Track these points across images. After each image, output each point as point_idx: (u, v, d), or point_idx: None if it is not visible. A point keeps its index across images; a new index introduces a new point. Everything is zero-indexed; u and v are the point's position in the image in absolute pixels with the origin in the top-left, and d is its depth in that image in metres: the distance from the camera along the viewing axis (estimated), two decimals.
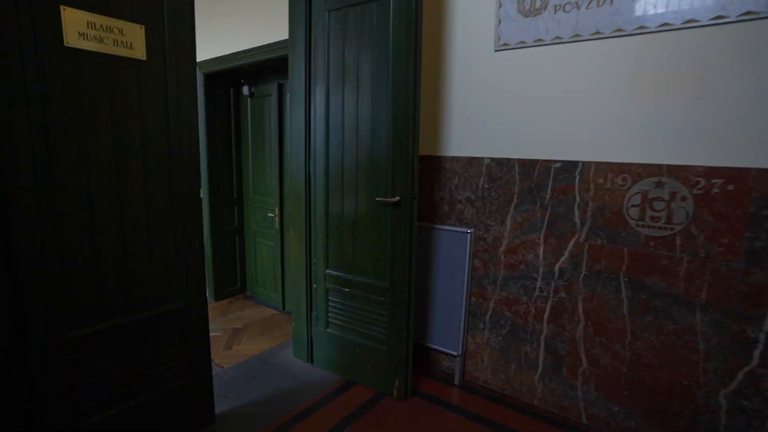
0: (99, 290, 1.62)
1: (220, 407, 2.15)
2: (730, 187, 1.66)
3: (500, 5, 2.11)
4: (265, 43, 3.03)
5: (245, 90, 3.63)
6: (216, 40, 3.37)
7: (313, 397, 2.28)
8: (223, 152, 3.77)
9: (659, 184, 1.79)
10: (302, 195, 2.44)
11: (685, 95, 1.72)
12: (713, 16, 1.64)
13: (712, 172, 1.69)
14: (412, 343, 2.22)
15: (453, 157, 2.35)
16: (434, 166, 2.40)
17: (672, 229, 1.78)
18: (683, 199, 1.75)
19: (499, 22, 2.12)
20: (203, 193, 3.61)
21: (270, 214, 3.64)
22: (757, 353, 1.67)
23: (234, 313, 3.63)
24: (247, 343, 3.11)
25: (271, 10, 2.99)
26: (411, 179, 2.05)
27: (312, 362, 2.59)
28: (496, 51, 2.15)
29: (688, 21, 1.68)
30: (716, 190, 1.68)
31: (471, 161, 2.29)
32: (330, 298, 2.43)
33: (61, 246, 1.50)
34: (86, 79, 1.53)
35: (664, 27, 1.73)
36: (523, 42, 2.07)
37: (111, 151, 1.61)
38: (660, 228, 1.80)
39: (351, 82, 2.18)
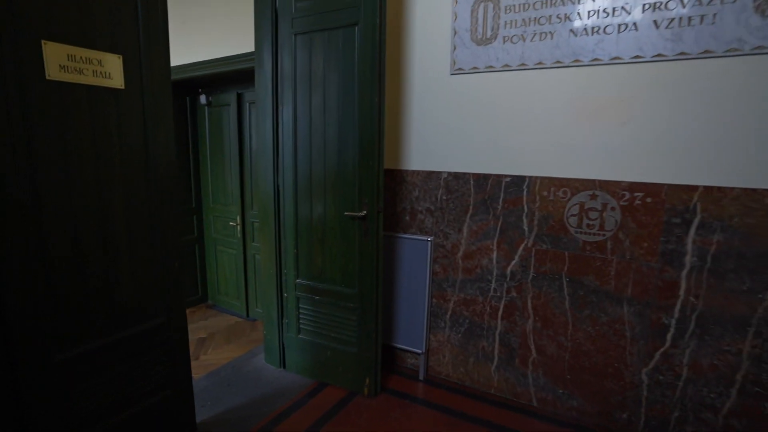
0: (85, 312, 1.65)
1: (199, 416, 2.22)
2: (649, 200, 1.97)
3: (455, 32, 2.32)
4: (225, 55, 3.07)
5: (202, 99, 3.62)
6: (173, 50, 3.33)
7: (289, 400, 2.41)
8: (180, 161, 3.74)
9: (593, 197, 2.09)
10: (271, 209, 2.54)
11: (612, 120, 2.01)
12: (633, 55, 1.93)
13: (634, 186, 1.99)
14: (381, 344, 2.41)
15: (413, 171, 2.54)
16: (396, 179, 2.59)
17: (604, 235, 2.08)
18: (612, 209, 2.05)
19: (454, 48, 2.33)
20: None
21: (231, 223, 3.67)
22: (669, 336, 2.01)
23: (197, 323, 3.64)
24: (214, 352, 3.16)
25: (231, 23, 3.03)
26: (376, 195, 2.21)
27: (284, 367, 2.70)
28: (451, 74, 2.36)
29: (614, 58, 1.97)
30: (638, 202, 1.99)
31: (430, 175, 2.49)
32: (301, 305, 2.56)
33: (47, 270, 1.52)
34: (68, 110, 1.56)
35: (595, 62, 2.01)
36: (475, 68, 2.29)
37: (93, 176, 1.65)
38: (594, 234, 2.10)
39: (318, 104, 2.31)
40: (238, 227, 3.64)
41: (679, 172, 1.91)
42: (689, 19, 1.82)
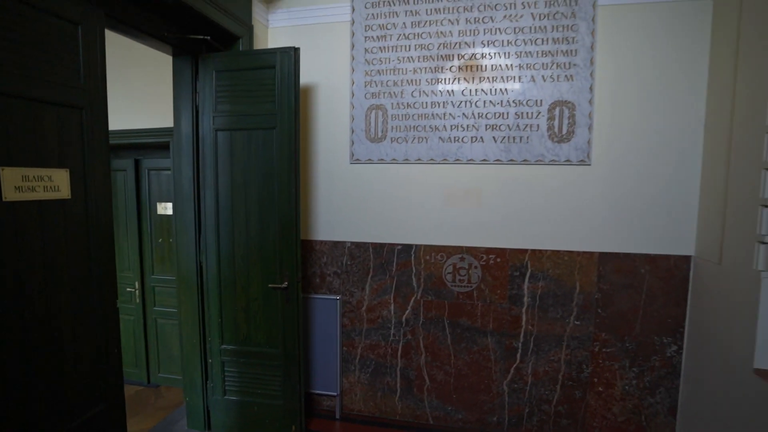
0: (31, 413, 1.74)
1: None
2: (498, 260, 2.77)
3: (353, 131, 2.90)
4: (127, 128, 3.17)
5: None
6: None
7: None
8: None
9: (462, 259, 2.82)
10: (194, 284, 2.75)
11: (472, 203, 2.78)
12: (482, 158, 2.74)
13: (489, 251, 2.78)
14: (304, 394, 2.78)
15: (322, 241, 3.01)
16: (308, 248, 3.02)
17: (471, 286, 2.82)
18: (476, 267, 2.81)
19: (352, 143, 2.90)
20: None
21: (129, 289, 3.64)
22: (518, 355, 2.82)
23: None
24: None
25: (131, 97, 3.15)
26: (296, 268, 2.63)
27: (210, 429, 2.87)
28: (351, 164, 2.92)
29: (470, 159, 2.76)
30: (492, 262, 2.78)
31: (336, 244, 3.00)
32: (226, 368, 2.79)
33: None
34: (21, 227, 1.69)
35: (457, 161, 2.77)
36: (370, 159, 2.89)
37: (41, 283, 1.76)
38: (464, 286, 2.83)
39: (240, 190, 2.64)
40: (137, 292, 3.62)
41: (516, 240, 2.75)
42: (513, 138, 2.68)
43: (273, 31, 3.00)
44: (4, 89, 1.63)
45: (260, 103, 2.57)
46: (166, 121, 3.26)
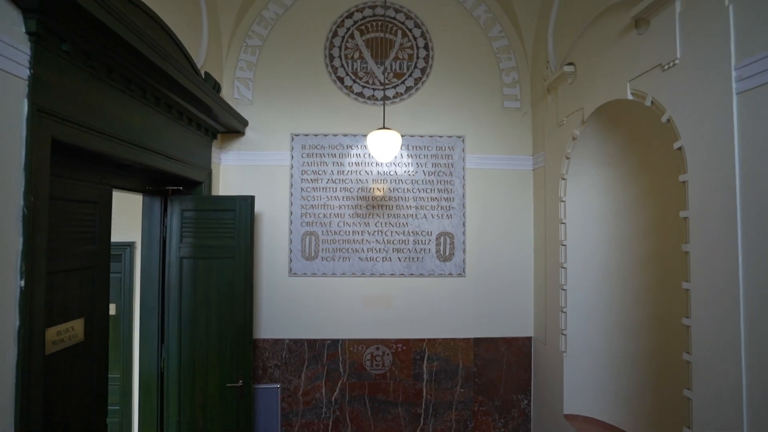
0: None
1: None
2: (404, 347, 3.71)
3: (291, 251, 3.69)
4: None
5: None
6: None
7: None
8: None
9: (378, 348, 3.70)
10: (155, 387, 3.21)
11: (384, 306, 3.72)
12: (390, 273, 3.71)
13: (397, 341, 3.71)
14: None
15: (264, 339, 3.68)
16: (253, 345, 3.65)
17: (385, 369, 3.70)
18: (388, 354, 3.70)
19: (290, 260, 3.69)
20: None
21: None
22: (422, 419, 3.73)
23: None
24: None
25: None
26: (248, 368, 3.26)
27: None
28: (289, 276, 3.69)
29: (382, 273, 3.71)
30: (400, 349, 3.71)
31: (276, 341, 3.68)
32: None
33: None
34: (54, 373, 2.17)
35: (372, 275, 3.71)
36: (305, 273, 3.69)
37: (63, 417, 2.23)
38: (380, 369, 3.70)
39: (201, 305, 3.24)
40: None
41: (416, 332, 3.72)
42: (412, 258, 3.71)
43: (224, 168, 3.72)
44: (49, 270, 2.15)
45: (221, 238, 3.25)
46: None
